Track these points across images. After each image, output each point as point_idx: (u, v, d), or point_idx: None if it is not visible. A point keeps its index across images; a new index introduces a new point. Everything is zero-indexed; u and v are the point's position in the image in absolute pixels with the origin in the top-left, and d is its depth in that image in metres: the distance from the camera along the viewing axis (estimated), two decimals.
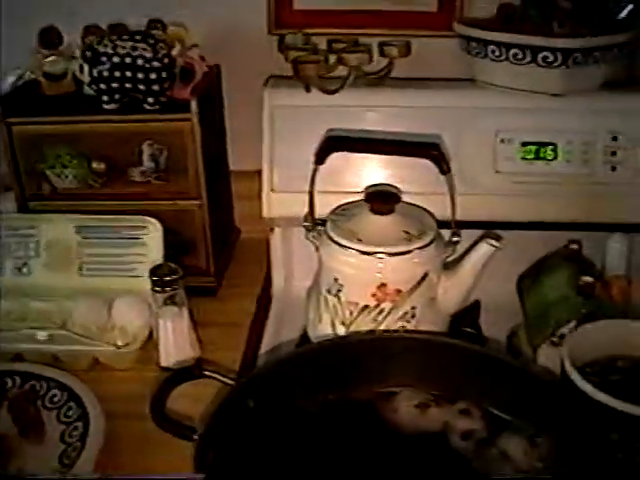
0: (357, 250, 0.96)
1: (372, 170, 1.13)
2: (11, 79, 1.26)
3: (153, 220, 1.14)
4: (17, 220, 1.20)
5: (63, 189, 1.20)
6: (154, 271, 1.03)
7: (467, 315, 1.08)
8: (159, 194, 1.18)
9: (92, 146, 1.17)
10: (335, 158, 1.01)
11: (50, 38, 1.23)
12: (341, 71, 1.14)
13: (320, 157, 1.01)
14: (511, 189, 1.14)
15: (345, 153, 1.02)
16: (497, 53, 1.11)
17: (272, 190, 1.17)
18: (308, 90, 1.13)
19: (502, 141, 1.14)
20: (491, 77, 1.15)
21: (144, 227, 1.15)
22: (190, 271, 1.15)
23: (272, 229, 1.22)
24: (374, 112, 1.15)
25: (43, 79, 1.23)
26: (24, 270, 1.20)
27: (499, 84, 1.15)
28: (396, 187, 1.08)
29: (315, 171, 1.02)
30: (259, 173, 1.17)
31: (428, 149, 0.99)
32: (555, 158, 1.13)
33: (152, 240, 1.15)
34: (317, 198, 1.05)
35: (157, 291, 1.02)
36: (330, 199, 1.07)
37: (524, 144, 1.14)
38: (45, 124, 1.18)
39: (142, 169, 1.17)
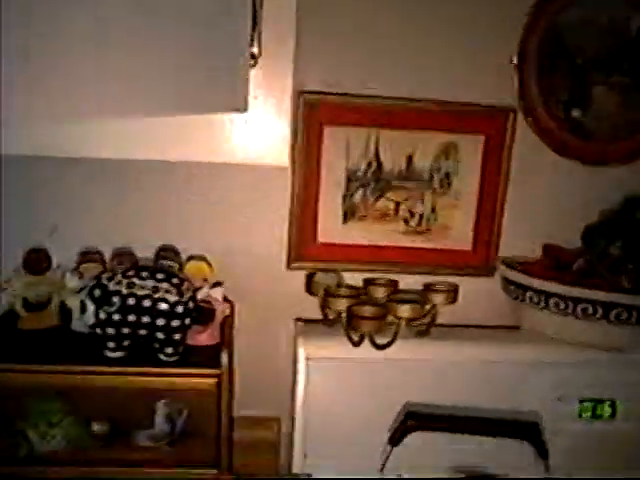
0: None
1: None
2: None
3: None
4: None
5: (46, 452, 0.96)
6: None
7: None
8: (170, 462, 0.97)
9: (91, 403, 0.95)
10: None
11: (37, 260, 1.04)
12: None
13: (397, 438, 0.86)
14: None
15: None
16: (562, 306, 1.02)
17: (305, 457, 1.00)
18: (357, 345, 0.98)
19: (558, 399, 1.05)
20: (545, 328, 1.06)
21: None
22: None
23: None
24: (421, 364, 1.03)
25: (22, 309, 1.02)
26: None
27: (554, 336, 1.05)
28: (487, 470, 0.93)
29: (389, 453, 0.87)
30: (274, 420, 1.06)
31: (526, 430, 0.87)
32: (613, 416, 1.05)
33: None
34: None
35: None
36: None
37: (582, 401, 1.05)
38: (26, 372, 0.95)
39: (153, 432, 0.96)
